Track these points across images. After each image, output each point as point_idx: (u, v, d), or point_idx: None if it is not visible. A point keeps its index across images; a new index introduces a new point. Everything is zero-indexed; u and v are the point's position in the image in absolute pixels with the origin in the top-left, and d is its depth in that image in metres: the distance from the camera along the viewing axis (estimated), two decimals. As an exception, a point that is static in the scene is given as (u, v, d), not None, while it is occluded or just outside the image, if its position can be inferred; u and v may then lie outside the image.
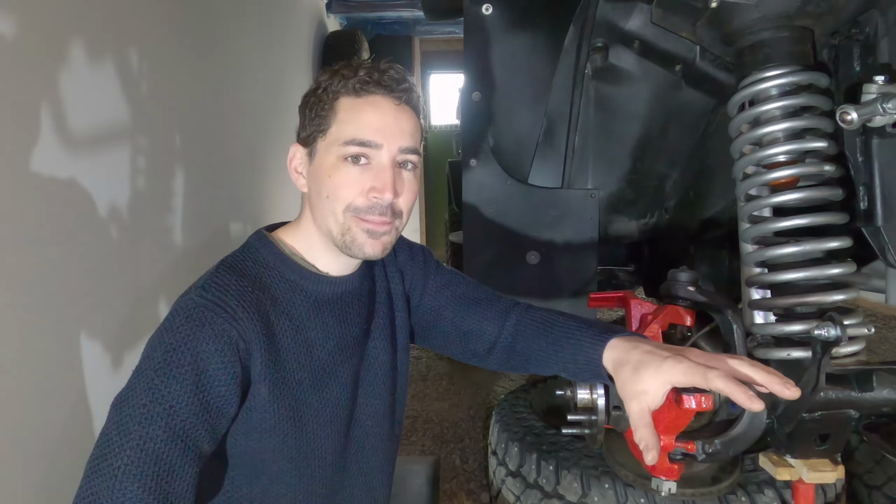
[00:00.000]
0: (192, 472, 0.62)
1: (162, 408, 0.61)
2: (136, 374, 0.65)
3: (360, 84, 0.73)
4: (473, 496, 1.88)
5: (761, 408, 0.60)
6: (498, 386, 2.83)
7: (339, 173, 0.73)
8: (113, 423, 0.62)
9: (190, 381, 0.63)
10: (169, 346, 0.64)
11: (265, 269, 0.75)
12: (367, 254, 0.75)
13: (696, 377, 0.64)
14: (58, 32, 1.33)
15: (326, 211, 0.75)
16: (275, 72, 3.24)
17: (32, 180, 1.22)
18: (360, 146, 0.73)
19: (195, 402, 0.63)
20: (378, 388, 0.85)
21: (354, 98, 0.74)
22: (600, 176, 1.63)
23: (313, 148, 0.76)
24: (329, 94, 0.74)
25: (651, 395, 0.66)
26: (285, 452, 0.74)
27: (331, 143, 0.74)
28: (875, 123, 0.89)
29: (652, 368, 0.67)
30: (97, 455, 0.60)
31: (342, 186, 0.73)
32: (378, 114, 0.73)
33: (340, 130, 0.73)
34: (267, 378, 0.70)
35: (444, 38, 5.35)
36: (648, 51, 1.40)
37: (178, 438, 0.61)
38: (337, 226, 0.75)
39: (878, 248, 1.01)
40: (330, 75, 0.76)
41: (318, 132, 0.75)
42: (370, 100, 0.74)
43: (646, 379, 0.67)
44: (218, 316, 0.66)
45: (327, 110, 0.74)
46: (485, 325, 0.89)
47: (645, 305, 1.15)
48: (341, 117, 0.74)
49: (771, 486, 1.32)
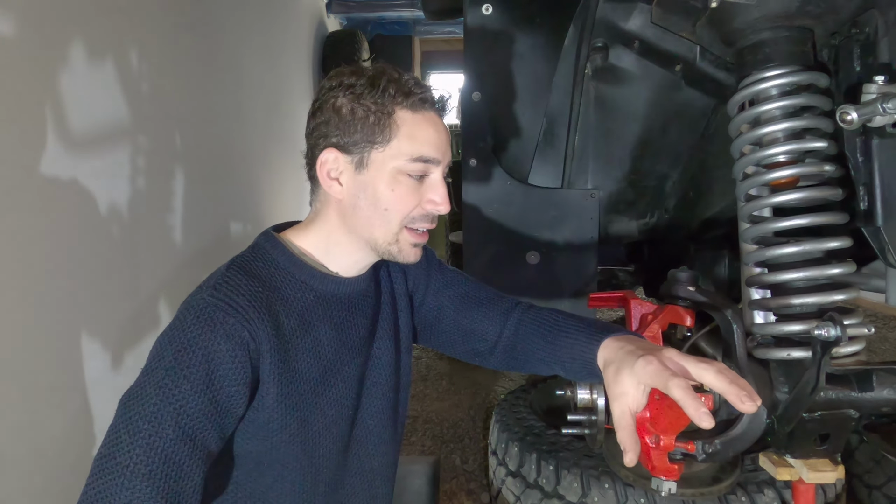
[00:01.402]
0: (200, 472, 0.63)
1: (172, 407, 0.61)
2: (145, 373, 0.65)
3: (419, 101, 0.75)
4: (473, 496, 1.88)
5: (710, 424, 0.59)
6: (498, 386, 2.83)
7: (402, 187, 0.75)
8: (122, 421, 0.62)
9: (201, 380, 0.63)
10: (180, 346, 0.64)
11: (275, 269, 0.76)
12: (411, 260, 0.80)
13: (659, 381, 0.63)
14: (58, 32, 1.33)
15: (379, 221, 0.76)
16: (275, 71, 3.24)
17: (33, 180, 1.22)
18: (426, 163, 0.75)
19: (205, 401, 0.63)
20: (382, 388, 0.86)
21: (412, 113, 0.75)
22: (600, 176, 1.64)
23: (364, 157, 0.75)
24: (383, 106, 0.74)
25: (630, 396, 0.66)
26: (290, 451, 0.74)
27: (392, 157, 0.74)
28: (875, 123, 0.89)
29: (628, 369, 0.68)
30: (105, 453, 0.60)
31: (404, 199, 0.75)
32: (437, 132, 0.77)
33: (404, 146, 0.74)
34: (276, 378, 0.70)
35: (444, 38, 5.35)
36: (648, 51, 1.40)
37: (188, 438, 0.61)
38: (388, 235, 0.77)
39: (878, 248, 1.01)
40: (370, 82, 0.74)
41: (371, 143, 0.74)
42: (427, 116, 0.76)
43: (624, 380, 0.67)
44: (230, 316, 0.67)
45: (384, 123, 0.74)
46: (486, 324, 0.90)
47: (645, 305, 1.15)
48: (404, 132, 0.74)
49: (771, 486, 1.32)
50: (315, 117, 0.77)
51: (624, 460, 0.64)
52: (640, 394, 0.66)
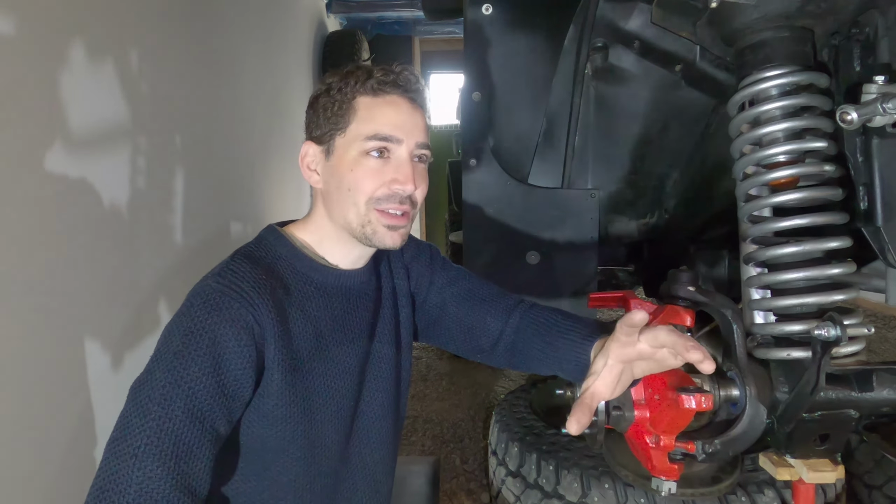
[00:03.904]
0: (210, 453, 0.64)
1: (181, 389, 0.63)
2: (154, 359, 0.67)
3: (378, 84, 0.77)
4: (473, 496, 1.88)
5: (700, 357, 0.62)
6: (498, 386, 2.83)
7: (361, 167, 0.76)
8: (132, 406, 0.63)
9: (208, 364, 0.65)
10: (187, 331, 0.66)
11: (278, 260, 0.78)
12: (387, 244, 0.79)
13: (628, 345, 0.68)
14: (58, 32, 1.33)
15: (347, 203, 0.77)
16: (275, 71, 3.24)
17: (33, 180, 1.22)
18: (382, 141, 0.76)
19: (213, 384, 0.65)
20: (382, 382, 0.87)
21: (373, 97, 0.77)
22: (600, 176, 1.64)
23: (330, 145, 0.79)
24: (345, 94, 0.78)
25: (597, 374, 0.70)
26: (295, 441, 0.76)
27: (352, 140, 0.77)
28: (875, 123, 0.89)
29: (601, 352, 0.72)
30: (116, 437, 0.62)
31: (365, 178, 0.76)
32: (397, 111, 0.78)
33: (361, 127, 0.77)
34: (280, 364, 0.72)
35: (444, 38, 5.34)
36: (648, 51, 1.40)
37: (197, 420, 0.63)
38: (358, 217, 0.77)
39: (878, 248, 1.01)
40: (341, 77, 0.79)
41: (335, 130, 0.78)
42: (388, 99, 0.78)
43: (596, 361, 0.72)
44: (234, 301, 0.69)
45: (345, 109, 0.77)
46: (489, 320, 0.91)
47: (645, 305, 1.14)
48: (362, 115, 0.77)
49: (771, 486, 1.32)
50: (305, 117, 0.82)
51: (567, 424, 0.68)
52: (608, 373, 0.70)
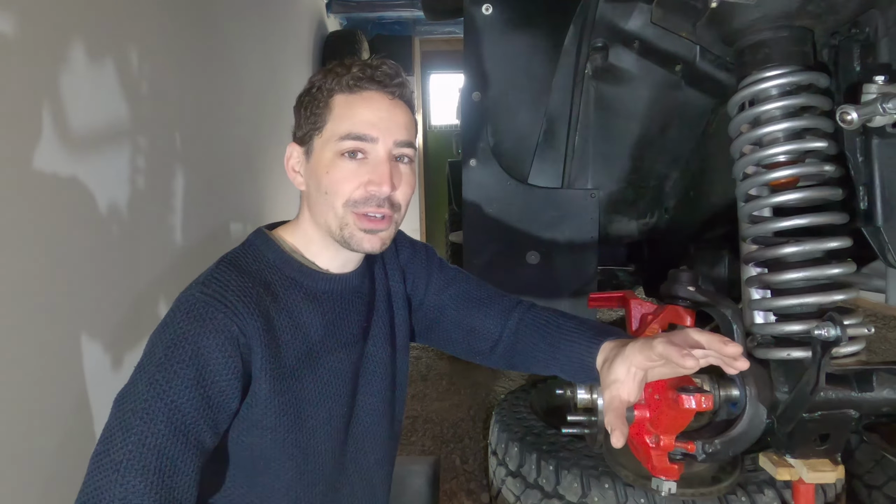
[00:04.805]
0: (195, 466, 0.63)
1: (164, 403, 0.62)
2: (138, 370, 0.65)
3: (354, 80, 0.74)
4: (473, 496, 1.88)
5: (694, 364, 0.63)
6: (498, 386, 2.83)
7: (337, 168, 0.74)
8: (115, 419, 0.62)
9: (191, 376, 0.63)
10: (170, 342, 0.65)
11: (265, 266, 0.76)
12: (366, 248, 0.76)
13: (646, 350, 0.67)
14: (58, 32, 1.33)
15: (325, 206, 0.75)
16: (275, 72, 3.24)
17: (32, 180, 1.22)
18: (356, 140, 0.73)
19: (196, 397, 0.63)
20: (377, 385, 0.85)
21: (348, 94, 0.74)
22: (600, 176, 1.63)
23: (310, 146, 0.77)
24: (323, 93, 0.75)
25: (621, 382, 0.69)
26: (286, 449, 0.74)
27: (327, 140, 0.74)
28: (875, 123, 0.89)
29: (620, 358, 0.70)
30: (100, 451, 0.61)
31: (340, 181, 0.73)
32: (372, 108, 0.74)
33: (336, 126, 0.74)
34: (267, 373, 0.70)
35: (444, 38, 5.34)
36: (648, 51, 1.40)
37: (180, 433, 0.62)
38: (336, 220, 0.75)
39: (878, 248, 1.01)
40: (323, 74, 0.76)
41: (313, 130, 0.76)
42: (364, 95, 0.74)
43: (616, 368, 0.70)
44: (219, 311, 0.67)
45: (322, 108, 0.75)
46: (487, 323, 0.89)
47: (645, 305, 1.15)
48: (336, 114, 0.74)
49: (771, 486, 1.31)
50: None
51: (611, 440, 0.66)
52: (631, 380, 0.69)
